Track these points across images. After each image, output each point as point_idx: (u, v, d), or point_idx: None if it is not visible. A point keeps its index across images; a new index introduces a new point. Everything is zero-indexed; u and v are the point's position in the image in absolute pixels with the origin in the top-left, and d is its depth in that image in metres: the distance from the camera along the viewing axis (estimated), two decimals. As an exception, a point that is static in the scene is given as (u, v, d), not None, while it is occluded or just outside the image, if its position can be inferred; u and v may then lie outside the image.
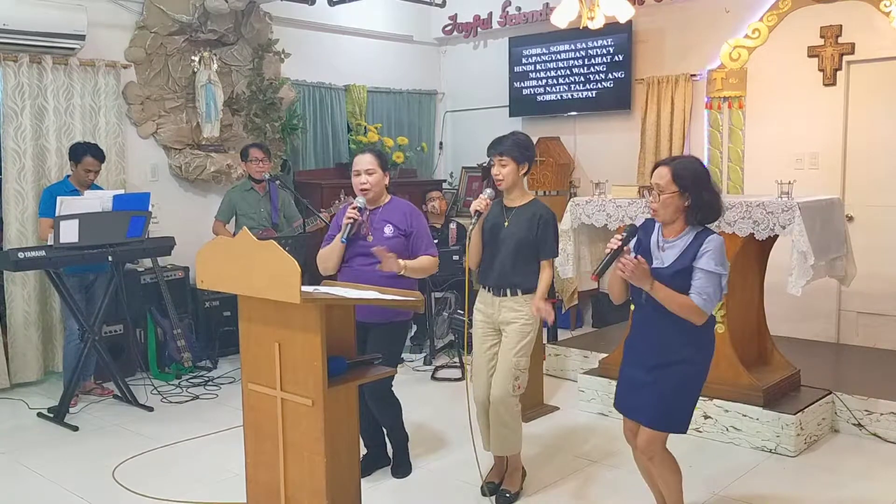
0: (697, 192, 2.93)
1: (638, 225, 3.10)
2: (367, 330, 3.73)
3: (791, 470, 4.07)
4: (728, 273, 2.95)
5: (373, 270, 3.63)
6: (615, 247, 2.93)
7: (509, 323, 3.62)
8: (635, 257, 2.90)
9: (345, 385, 2.84)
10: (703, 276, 2.89)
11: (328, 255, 3.77)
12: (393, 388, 3.89)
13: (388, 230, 3.74)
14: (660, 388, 2.99)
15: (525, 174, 3.67)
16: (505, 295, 3.61)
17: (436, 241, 4.21)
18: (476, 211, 3.55)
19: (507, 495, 3.71)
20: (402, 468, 4.03)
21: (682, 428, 3.07)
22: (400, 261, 3.59)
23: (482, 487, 3.77)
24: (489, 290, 3.68)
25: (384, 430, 4.07)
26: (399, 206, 3.83)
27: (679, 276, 2.92)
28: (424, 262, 3.75)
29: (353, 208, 3.69)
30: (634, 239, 3.05)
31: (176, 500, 3.79)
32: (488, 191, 3.61)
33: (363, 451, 4.00)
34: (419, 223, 3.82)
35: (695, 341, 2.98)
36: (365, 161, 3.75)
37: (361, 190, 3.73)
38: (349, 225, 3.67)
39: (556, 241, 3.65)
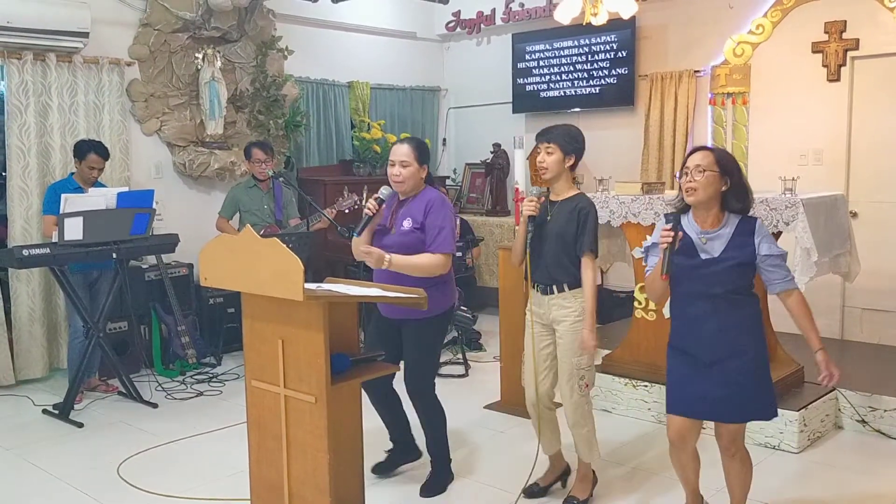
0: (737, 176, 2.96)
1: (659, 223, 3.04)
2: (400, 327, 3.64)
3: (794, 467, 4.07)
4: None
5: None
6: (670, 238, 2.87)
7: (560, 321, 3.48)
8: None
9: (348, 382, 2.84)
10: (778, 261, 2.94)
11: (357, 239, 3.61)
12: (436, 395, 3.76)
13: (407, 224, 3.58)
14: (737, 382, 2.94)
15: (571, 167, 3.50)
16: (552, 292, 3.48)
17: None
18: (530, 216, 3.42)
19: (575, 502, 3.58)
20: (431, 488, 3.77)
21: (774, 412, 3.05)
22: (386, 255, 3.44)
23: (526, 487, 3.69)
24: (538, 289, 3.54)
25: (409, 421, 3.91)
26: (423, 199, 3.61)
27: (738, 268, 2.92)
28: (419, 260, 3.50)
29: (375, 198, 3.54)
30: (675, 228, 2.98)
31: (180, 496, 3.81)
32: (534, 189, 3.51)
33: (388, 446, 3.99)
34: (434, 216, 3.56)
35: (752, 328, 2.99)
36: (401, 152, 3.56)
37: (395, 182, 3.58)
38: (366, 218, 3.53)
39: (595, 235, 3.44)
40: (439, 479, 3.82)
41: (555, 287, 3.48)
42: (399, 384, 3.74)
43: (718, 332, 2.95)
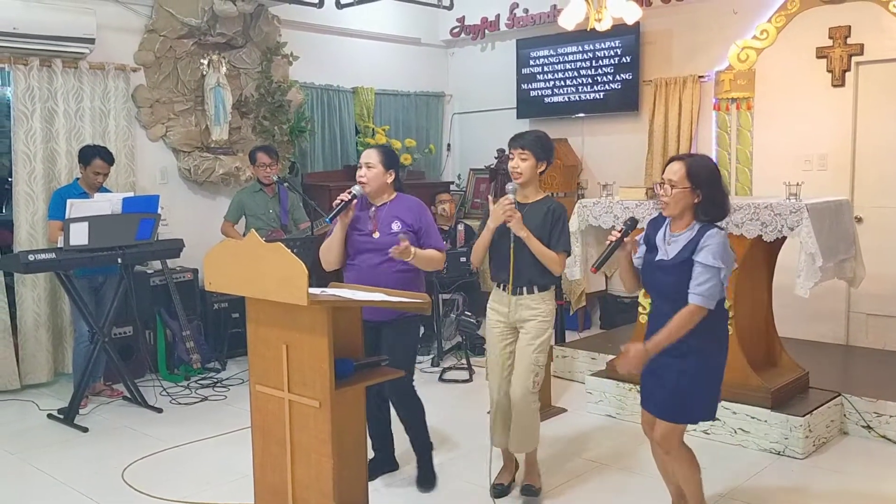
0: (709, 191, 2.99)
1: (650, 220, 3.17)
2: (378, 329, 3.71)
3: (799, 472, 4.06)
4: (728, 267, 2.97)
5: (378, 267, 3.64)
6: (615, 238, 3.02)
7: (527, 321, 3.62)
8: (625, 346, 3.01)
9: (352, 387, 2.85)
10: (700, 270, 2.94)
11: (328, 247, 3.76)
12: (415, 388, 3.88)
13: (396, 226, 3.71)
14: (672, 379, 3.02)
15: (541, 173, 3.65)
16: (521, 293, 3.62)
17: (444, 242, 4.21)
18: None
19: (533, 489, 3.74)
20: (427, 480, 3.94)
21: (694, 418, 3.10)
22: (412, 248, 3.58)
23: (490, 489, 3.77)
24: (503, 288, 3.68)
25: (392, 434, 4.04)
26: (406, 202, 3.81)
27: (679, 269, 2.98)
28: (433, 254, 3.73)
29: (347, 192, 3.69)
30: (641, 234, 3.12)
31: (184, 501, 3.81)
32: (509, 186, 3.58)
33: (370, 454, 4.02)
34: (427, 218, 3.81)
35: (704, 333, 2.99)
36: (366, 155, 3.77)
37: (359, 182, 3.74)
38: (339, 204, 3.64)
39: (568, 237, 3.63)
40: (429, 469, 3.97)
41: (525, 289, 3.61)
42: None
43: None
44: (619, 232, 3.04)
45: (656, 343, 2.97)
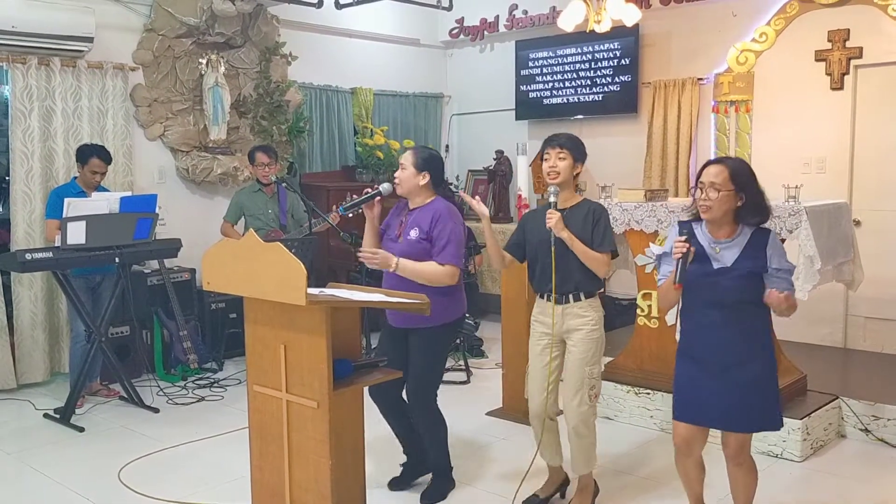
0: (752, 192, 2.95)
1: (672, 231, 3.06)
2: (406, 336, 3.64)
3: (797, 475, 4.06)
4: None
5: (391, 273, 3.55)
6: (684, 250, 2.89)
7: (576, 330, 3.47)
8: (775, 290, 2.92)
9: (350, 388, 2.84)
10: (785, 275, 2.95)
11: (365, 241, 3.72)
12: (437, 404, 3.75)
13: (414, 234, 3.59)
14: (745, 390, 2.95)
15: (576, 176, 3.53)
16: (568, 301, 3.47)
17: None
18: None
19: None
20: (433, 497, 3.76)
21: (778, 423, 3.05)
22: (393, 258, 3.47)
23: (526, 500, 3.67)
24: (547, 299, 3.51)
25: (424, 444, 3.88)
26: (431, 209, 3.63)
27: (747, 276, 2.93)
28: (426, 268, 3.51)
29: (374, 186, 3.65)
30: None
31: (181, 501, 3.80)
32: (552, 188, 3.43)
33: (402, 458, 3.95)
34: (442, 228, 3.56)
35: (761, 337, 3.00)
36: (403, 156, 3.70)
37: (395, 183, 3.68)
38: (365, 196, 3.61)
39: (611, 237, 3.47)
40: (440, 487, 3.81)
41: (572, 296, 3.46)
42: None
43: (728, 341, 2.96)
44: (685, 241, 2.90)
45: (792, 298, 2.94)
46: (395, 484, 3.90)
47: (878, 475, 4.05)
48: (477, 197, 3.62)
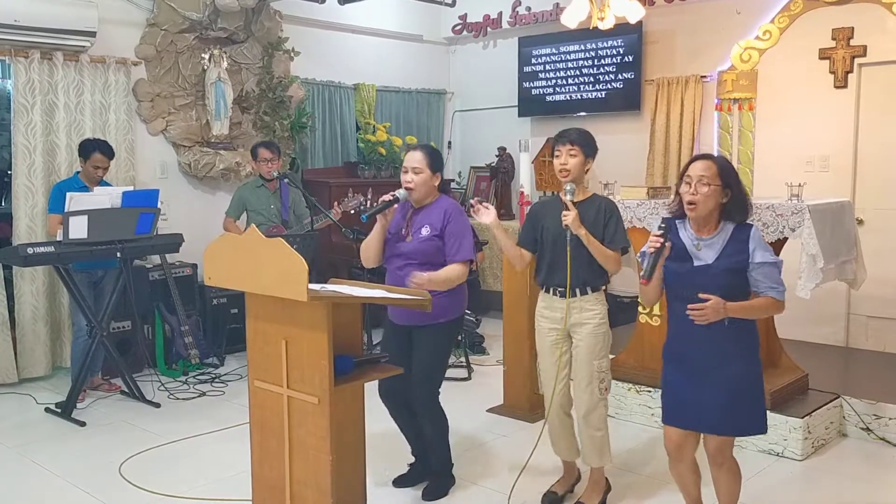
0: (737, 190, 2.93)
1: (661, 223, 2.98)
2: (409, 333, 3.63)
3: (798, 474, 4.05)
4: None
5: (403, 272, 3.51)
6: (658, 245, 2.87)
7: (582, 324, 3.47)
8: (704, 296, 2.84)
9: (351, 384, 2.84)
10: (767, 270, 2.89)
11: (366, 245, 3.64)
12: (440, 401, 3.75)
13: (425, 231, 3.56)
14: (726, 392, 2.91)
15: (587, 171, 3.50)
16: (575, 295, 3.46)
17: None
18: (566, 225, 3.34)
19: None
20: (435, 493, 3.76)
21: (763, 428, 3.02)
22: (423, 274, 3.41)
23: (544, 495, 3.68)
24: (554, 293, 3.52)
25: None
26: (440, 206, 3.62)
27: (730, 274, 2.89)
28: (451, 274, 3.50)
29: (392, 195, 3.55)
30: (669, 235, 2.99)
31: (182, 496, 3.80)
32: (568, 187, 3.40)
33: (410, 459, 3.95)
34: (454, 224, 3.57)
35: (746, 339, 2.95)
36: (414, 159, 3.57)
37: (407, 188, 3.57)
38: (382, 203, 3.52)
39: (623, 233, 3.47)
40: (441, 484, 3.80)
41: (579, 290, 3.46)
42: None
43: (710, 340, 2.92)
44: (660, 237, 2.88)
45: (737, 308, 2.85)
46: (400, 482, 3.90)
47: (879, 474, 4.05)
48: (486, 204, 3.57)
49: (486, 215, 3.52)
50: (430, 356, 3.64)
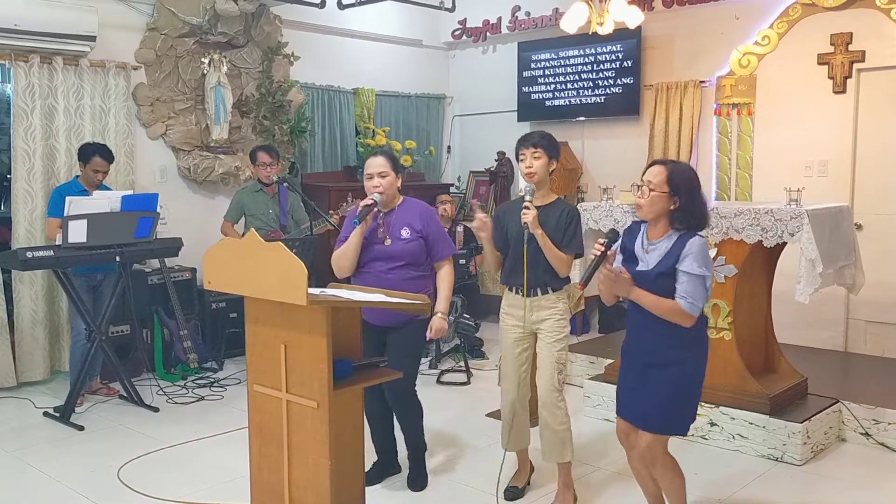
0: (688, 198, 2.95)
1: (624, 229, 3.13)
2: (385, 333, 3.70)
3: (797, 479, 4.05)
4: (712, 274, 2.97)
5: (389, 274, 3.62)
6: (598, 252, 2.95)
7: (544, 320, 3.58)
8: (621, 267, 2.95)
9: (350, 388, 2.84)
10: (686, 279, 2.90)
11: (343, 254, 3.68)
12: (416, 391, 3.87)
13: (406, 233, 3.68)
14: (655, 390, 3.00)
15: (552, 172, 3.60)
16: (536, 294, 3.57)
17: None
18: (524, 223, 3.44)
19: None
20: (419, 480, 3.92)
21: (681, 430, 3.08)
22: (438, 314, 3.66)
23: (504, 491, 3.74)
24: (516, 292, 3.62)
25: (396, 438, 4.01)
26: (414, 207, 3.78)
27: (662, 279, 2.94)
28: (448, 281, 3.74)
29: (370, 199, 3.66)
30: (618, 243, 3.08)
31: (180, 500, 3.79)
32: (529, 188, 3.51)
33: (374, 457, 3.99)
34: (434, 223, 3.78)
35: (685, 342, 2.98)
36: (377, 164, 3.70)
37: (377, 192, 3.67)
38: (366, 207, 3.61)
39: (580, 239, 3.59)
40: (422, 471, 3.95)
41: (540, 290, 3.57)
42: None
43: (648, 342, 3.02)
44: (603, 245, 2.96)
45: (640, 294, 2.92)
46: (367, 479, 3.92)
47: (878, 479, 4.05)
48: (482, 214, 3.62)
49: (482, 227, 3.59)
50: (409, 354, 3.73)
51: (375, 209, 3.67)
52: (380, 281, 3.59)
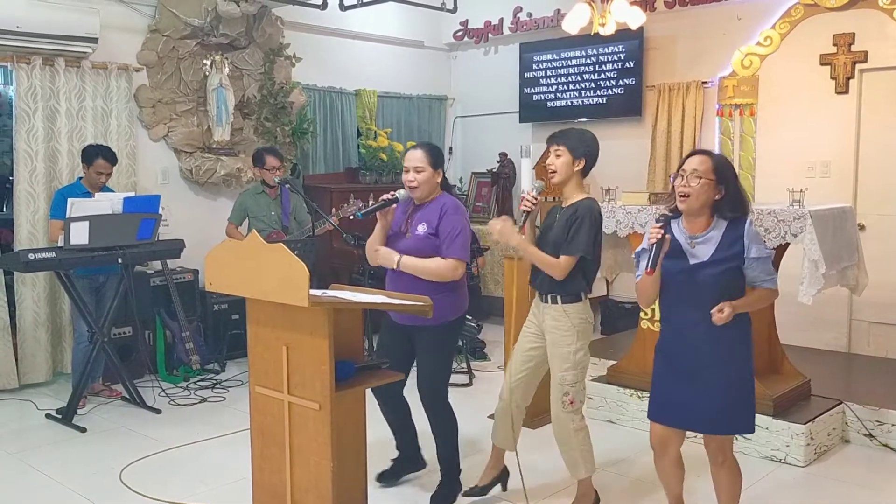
0: (734, 185, 2.93)
1: (658, 218, 2.98)
2: (411, 334, 3.61)
3: (800, 480, 4.04)
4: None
5: (398, 270, 3.52)
6: (659, 236, 2.85)
7: (550, 332, 3.44)
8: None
9: (352, 389, 2.83)
10: (757, 264, 2.90)
11: (370, 242, 3.64)
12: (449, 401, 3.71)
13: (422, 229, 3.54)
14: (712, 393, 2.92)
15: (582, 171, 3.39)
16: (547, 302, 3.44)
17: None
18: (524, 211, 3.35)
19: None
20: (445, 496, 3.70)
21: (750, 427, 3.03)
22: (395, 255, 3.47)
23: (467, 492, 3.71)
24: (538, 293, 3.51)
25: (416, 431, 3.89)
26: (437, 204, 3.57)
27: (726, 270, 2.89)
28: (429, 264, 3.45)
29: (392, 194, 3.55)
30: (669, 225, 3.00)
31: (182, 502, 3.79)
32: (536, 184, 3.43)
33: (395, 454, 3.95)
34: (448, 222, 3.50)
35: (739, 338, 2.95)
36: (414, 158, 3.53)
37: (410, 187, 3.55)
38: (381, 203, 3.53)
39: (584, 240, 3.30)
40: (450, 489, 3.75)
41: (549, 298, 3.43)
42: (410, 392, 3.72)
43: (704, 341, 2.92)
44: (661, 228, 2.86)
45: (741, 304, 2.88)
46: (384, 478, 3.91)
47: (881, 481, 4.04)
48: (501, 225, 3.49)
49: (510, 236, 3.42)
50: (433, 358, 3.62)
51: (394, 206, 3.58)
52: (392, 276, 3.56)
